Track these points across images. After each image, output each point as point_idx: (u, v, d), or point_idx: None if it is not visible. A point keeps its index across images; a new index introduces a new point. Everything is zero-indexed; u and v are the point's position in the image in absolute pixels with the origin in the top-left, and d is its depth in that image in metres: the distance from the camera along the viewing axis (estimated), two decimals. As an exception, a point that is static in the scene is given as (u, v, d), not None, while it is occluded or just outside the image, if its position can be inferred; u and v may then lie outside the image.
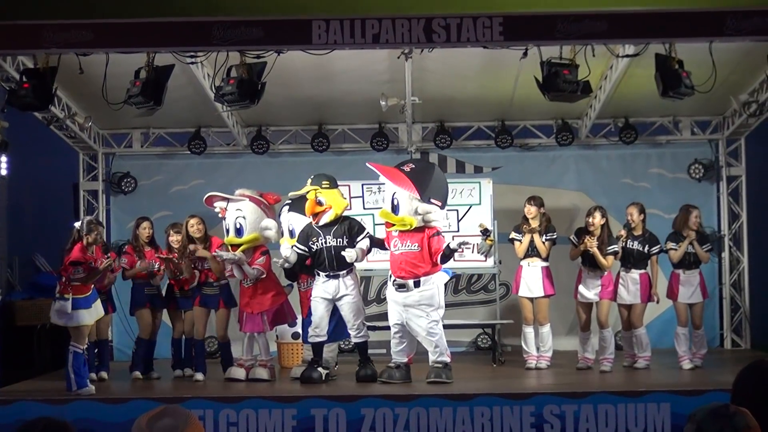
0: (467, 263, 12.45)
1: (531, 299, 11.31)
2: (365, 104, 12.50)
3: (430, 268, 9.97)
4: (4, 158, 11.08)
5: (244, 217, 10.49)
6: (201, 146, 13.50)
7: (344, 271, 10.18)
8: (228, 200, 10.64)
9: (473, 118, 13.68)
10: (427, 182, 9.94)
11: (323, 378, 10.23)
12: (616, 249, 11.10)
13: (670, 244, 11.34)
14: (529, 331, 11.31)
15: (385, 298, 11.12)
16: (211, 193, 10.80)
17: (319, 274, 10.28)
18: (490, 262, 12.32)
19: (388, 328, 10.46)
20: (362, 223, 10.65)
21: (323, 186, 10.22)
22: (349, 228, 10.22)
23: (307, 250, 10.25)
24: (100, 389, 10.03)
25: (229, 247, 10.60)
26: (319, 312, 10.21)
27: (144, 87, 9.65)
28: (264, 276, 10.50)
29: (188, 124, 13.48)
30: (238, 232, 10.50)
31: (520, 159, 13.85)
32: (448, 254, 10.00)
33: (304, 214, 10.32)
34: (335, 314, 10.34)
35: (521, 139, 13.79)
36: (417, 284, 9.93)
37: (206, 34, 9.14)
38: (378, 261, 11.34)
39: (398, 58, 10.45)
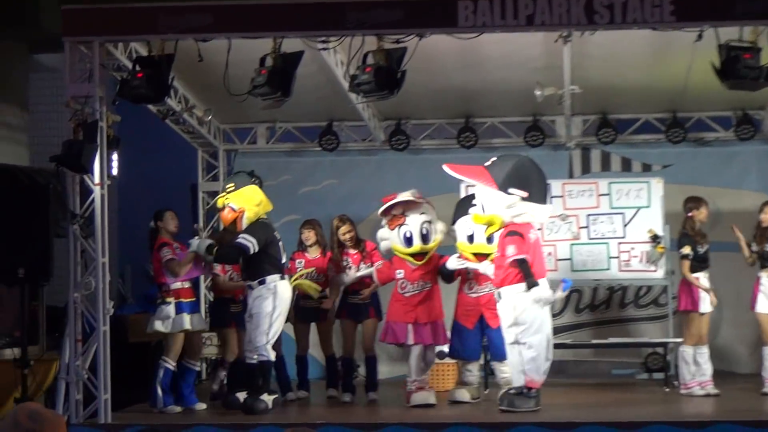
0: (634, 274, 12.26)
1: None
2: (518, 94, 12.09)
3: (506, 276, 9.50)
4: (115, 156, 10.71)
5: (429, 222, 10.40)
6: (333, 142, 13.30)
7: (255, 282, 9.85)
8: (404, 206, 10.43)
9: (640, 109, 13.22)
10: (503, 171, 9.56)
11: (270, 407, 9.80)
12: None
13: None
14: None
15: None
16: (395, 199, 10.35)
17: None
18: (661, 272, 12.08)
19: None
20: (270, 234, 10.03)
21: (228, 190, 10.15)
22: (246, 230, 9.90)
23: None
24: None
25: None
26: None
27: (270, 76, 9.39)
28: None
29: (319, 118, 13.26)
30: (425, 238, 10.33)
31: (693, 155, 13.40)
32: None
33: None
34: None
35: (695, 132, 13.32)
36: (499, 296, 9.58)
37: (339, 16, 9.05)
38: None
39: (555, 42, 9.92)
